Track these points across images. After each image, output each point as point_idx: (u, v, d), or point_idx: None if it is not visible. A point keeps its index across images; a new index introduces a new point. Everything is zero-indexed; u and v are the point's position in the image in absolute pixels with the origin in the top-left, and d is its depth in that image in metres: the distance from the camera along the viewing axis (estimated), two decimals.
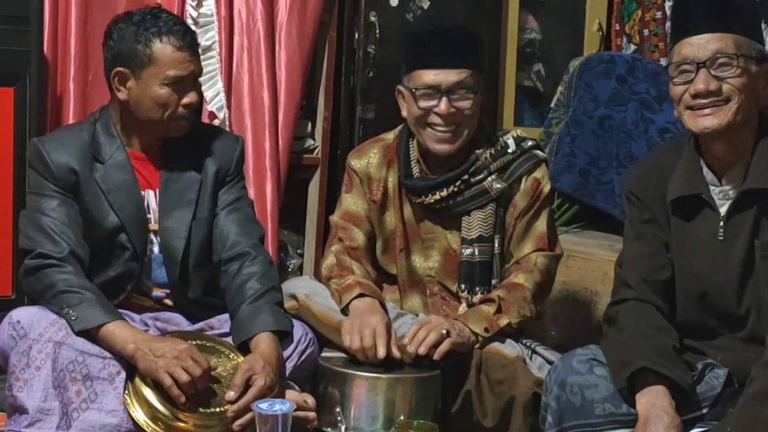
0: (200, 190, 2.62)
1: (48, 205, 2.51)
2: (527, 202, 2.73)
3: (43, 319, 2.38)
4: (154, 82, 2.50)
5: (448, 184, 2.70)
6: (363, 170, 2.81)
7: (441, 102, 2.62)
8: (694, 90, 2.22)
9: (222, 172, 2.67)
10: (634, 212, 2.42)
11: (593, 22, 4.40)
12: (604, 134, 3.73)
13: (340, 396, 2.50)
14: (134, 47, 2.50)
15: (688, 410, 2.21)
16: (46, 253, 2.45)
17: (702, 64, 2.22)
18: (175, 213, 2.60)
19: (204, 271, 2.64)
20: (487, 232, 2.71)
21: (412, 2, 3.84)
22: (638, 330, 2.29)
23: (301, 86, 3.61)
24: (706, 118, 2.23)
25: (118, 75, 2.53)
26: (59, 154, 2.52)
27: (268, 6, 3.51)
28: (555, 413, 2.28)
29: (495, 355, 2.56)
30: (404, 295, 2.82)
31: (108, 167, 2.55)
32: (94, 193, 2.54)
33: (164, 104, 2.51)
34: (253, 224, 2.71)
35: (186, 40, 2.53)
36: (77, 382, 2.34)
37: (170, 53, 2.50)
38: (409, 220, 2.78)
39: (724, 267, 2.28)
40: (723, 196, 2.29)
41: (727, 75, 2.21)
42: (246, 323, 2.52)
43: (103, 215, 2.54)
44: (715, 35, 2.22)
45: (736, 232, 2.26)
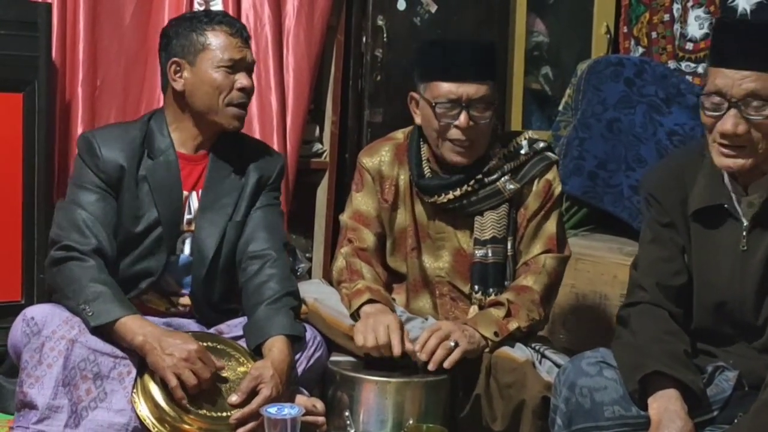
0: (240, 195, 2.67)
1: (87, 199, 2.55)
2: (539, 203, 2.73)
3: (57, 317, 2.39)
4: (208, 66, 2.58)
5: (462, 184, 2.70)
6: (375, 168, 2.81)
7: (461, 116, 2.61)
8: (722, 129, 2.17)
9: (263, 180, 2.71)
10: (653, 215, 2.41)
11: (601, 25, 4.39)
12: (612, 137, 3.72)
13: (349, 400, 2.50)
14: (189, 36, 2.59)
15: (698, 413, 2.20)
16: (72, 245, 2.48)
17: (734, 102, 2.15)
18: (212, 214, 2.63)
19: (228, 275, 2.67)
20: (500, 234, 2.72)
21: (420, 6, 3.85)
22: (651, 334, 2.28)
23: (309, 90, 3.61)
24: (730, 159, 2.19)
25: (174, 65, 2.60)
26: (109, 149, 2.57)
27: (276, 10, 3.51)
28: (564, 416, 2.27)
29: (504, 359, 2.55)
30: (413, 296, 2.81)
31: (157, 164, 2.60)
32: (139, 188, 2.58)
33: (219, 86, 2.58)
34: (280, 230, 2.74)
35: (236, 27, 2.63)
36: (88, 380, 2.35)
37: (223, 38, 2.59)
38: (420, 219, 2.78)
39: (745, 277, 2.27)
40: (747, 206, 2.27)
41: (758, 119, 2.15)
42: (263, 325, 2.53)
43: (142, 210, 2.58)
44: (754, 74, 2.14)
45: (758, 242, 2.25)
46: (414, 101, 2.74)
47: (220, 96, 2.58)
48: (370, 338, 2.51)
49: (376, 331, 2.52)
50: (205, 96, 2.58)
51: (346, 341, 2.61)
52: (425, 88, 2.68)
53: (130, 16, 3.32)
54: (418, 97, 2.72)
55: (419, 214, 2.78)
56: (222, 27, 2.60)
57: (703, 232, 2.32)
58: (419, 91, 2.71)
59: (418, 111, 2.73)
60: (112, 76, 3.29)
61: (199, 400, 2.38)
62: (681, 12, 4.07)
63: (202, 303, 2.64)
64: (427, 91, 2.66)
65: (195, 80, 2.58)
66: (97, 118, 3.24)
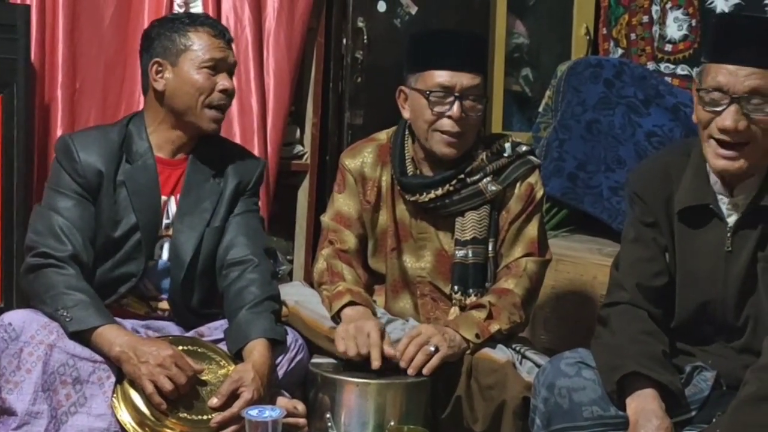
0: (218, 200, 2.66)
1: (63, 204, 2.54)
2: (521, 207, 2.74)
3: (35, 322, 2.38)
4: (190, 67, 2.58)
5: (444, 183, 2.70)
6: (357, 170, 2.81)
7: (454, 106, 2.62)
8: (722, 125, 2.17)
9: (242, 186, 2.71)
10: (637, 213, 2.41)
11: (581, 27, 4.41)
12: (592, 138, 3.74)
13: (331, 402, 2.50)
14: (171, 36, 2.59)
15: (676, 413, 2.22)
16: (49, 252, 2.47)
17: (736, 98, 2.15)
18: (190, 219, 2.63)
19: (207, 280, 2.66)
20: (481, 234, 2.72)
21: (400, 8, 3.85)
22: (629, 334, 2.30)
23: (289, 92, 3.61)
24: (727, 162, 2.19)
25: (156, 65, 2.60)
26: (88, 153, 2.57)
27: (256, 12, 3.51)
28: (543, 416, 2.28)
29: (485, 361, 2.56)
30: (394, 296, 2.81)
31: (135, 169, 2.59)
32: (117, 193, 2.57)
33: (200, 88, 2.58)
34: (260, 235, 2.74)
35: (219, 29, 2.64)
36: (67, 385, 2.35)
37: (206, 39, 2.59)
38: (402, 219, 2.78)
39: (728, 277, 2.28)
40: (732, 207, 2.28)
41: (759, 117, 2.16)
42: (243, 329, 2.52)
43: (121, 215, 2.57)
44: (758, 71, 2.14)
45: (743, 244, 2.27)
46: (402, 95, 2.74)
47: (200, 97, 2.58)
48: (351, 348, 2.52)
49: (357, 340, 2.52)
50: (186, 96, 2.58)
51: (327, 343, 2.61)
52: (417, 79, 2.67)
53: (110, 18, 3.30)
54: (407, 90, 2.71)
55: (401, 213, 2.78)
56: (204, 28, 2.60)
57: (687, 231, 2.33)
58: (409, 84, 2.70)
59: (406, 105, 2.73)
60: (91, 79, 3.27)
61: (179, 403, 2.37)
62: (660, 14, 4.09)
63: (180, 307, 2.64)
64: (420, 81, 2.66)
65: (176, 81, 2.58)
66: (76, 121, 3.23)
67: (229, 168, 2.69)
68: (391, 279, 2.81)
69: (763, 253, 2.24)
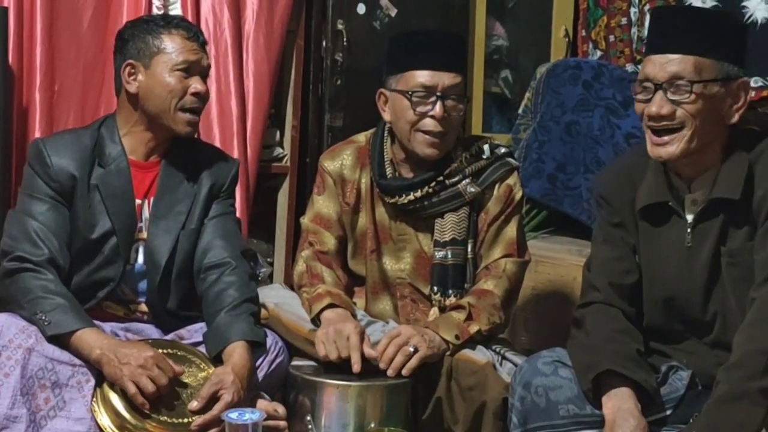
0: (193, 203, 2.65)
1: (38, 209, 2.52)
2: (499, 208, 2.74)
3: (13, 326, 2.37)
4: (163, 69, 2.56)
5: (423, 185, 2.70)
6: (337, 172, 2.80)
7: (436, 105, 2.62)
8: (647, 111, 2.23)
9: (216, 188, 2.70)
10: (603, 215, 2.45)
11: (560, 29, 4.42)
12: (571, 140, 3.75)
13: (311, 404, 2.50)
14: (145, 38, 2.57)
15: (652, 412, 2.24)
16: (25, 256, 2.46)
17: (659, 85, 2.22)
18: (165, 222, 2.62)
19: (184, 282, 2.65)
20: (460, 236, 2.73)
21: (380, 10, 3.86)
22: (604, 333, 2.32)
23: (269, 95, 3.60)
24: (660, 148, 2.24)
25: (129, 67, 2.58)
26: (60, 157, 2.55)
27: (235, 15, 3.50)
28: (520, 414, 2.30)
29: (465, 362, 2.56)
30: (374, 298, 2.82)
31: (108, 172, 2.57)
32: (91, 197, 2.56)
33: (173, 90, 2.56)
34: (237, 237, 2.73)
35: (193, 31, 2.62)
36: (46, 389, 2.33)
37: (179, 41, 2.57)
38: (381, 221, 2.79)
39: (691, 273, 2.31)
40: (691, 203, 2.31)
41: (682, 100, 2.21)
42: (222, 331, 2.52)
43: (96, 219, 2.55)
44: (678, 57, 2.21)
45: (703, 239, 2.29)
46: (383, 97, 2.74)
47: (173, 100, 2.56)
48: (332, 351, 2.52)
49: (337, 342, 2.52)
50: (158, 99, 2.57)
51: (307, 346, 2.62)
52: (398, 80, 2.67)
53: (88, 21, 3.29)
54: (387, 92, 2.71)
55: (381, 215, 2.79)
56: (178, 31, 2.58)
57: (650, 229, 2.36)
58: (389, 86, 2.70)
59: (387, 108, 2.73)
60: (70, 81, 3.26)
61: (160, 406, 2.37)
62: (638, 16, 4.11)
63: (159, 310, 2.63)
64: (401, 82, 2.66)
65: (149, 83, 2.57)
66: (54, 124, 3.21)
67: (203, 170, 2.68)
68: (371, 281, 2.81)
69: (726, 247, 2.27)
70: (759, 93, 3.59)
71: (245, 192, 3.48)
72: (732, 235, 2.27)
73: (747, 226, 2.25)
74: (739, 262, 2.25)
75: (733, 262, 2.26)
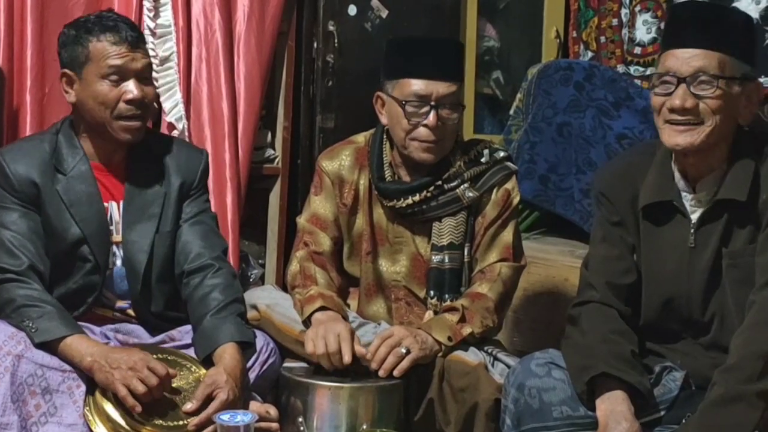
0: (164, 203, 2.61)
1: (8, 218, 2.49)
2: (497, 212, 2.74)
3: (2, 333, 2.35)
4: (93, 79, 2.50)
5: (421, 189, 2.70)
6: (335, 172, 2.80)
7: (429, 115, 2.62)
8: (670, 105, 2.22)
9: (186, 185, 2.66)
10: (603, 213, 2.44)
11: (551, 30, 4.42)
12: (562, 141, 3.75)
13: (303, 406, 2.50)
14: (75, 48, 2.51)
15: (645, 413, 2.24)
16: (6, 267, 2.44)
17: (683, 79, 2.21)
18: (139, 226, 2.58)
19: (166, 284, 2.63)
20: (457, 240, 2.72)
21: (371, 11, 3.85)
22: (599, 334, 2.31)
23: (260, 96, 3.60)
24: (679, 136, 2.23)
25: (65, 77, 2.54)
26: (19, 165, 2.51)
27: (227, 16, 3.50)
28: (513, 416, 2.30)
29: (458, 363, 2.56)
30: (368, 300, 2.81)
31: (70, 179, 2.53)
32: (56, 204, 2.52)
33: (104, 100, 2.49)
34: (216, 237, 2.70)
35: (123, 33, 2.51)
36: (36, 395, 2.32)
37: (106, 47, 2.49)
38: (379, 223, 2.78)
39: (692, 273, 2.30)
40: (695, 203, 2.30)
41: (706, 95, 2.20)
42: (210, 334, 2.51)
43: (65, 227, 2.52)
44: (702, 52, 2.21)
45: (706, 240, 2.29)
46: (380, 101, 2.74)
47: (106, 111, 2.50)
48: (320, 345, 2.51)
49: (326, 338, 2.52)
50: (93, 110, 2.51)
51: (299, 347, 2.61)
52: (394, 86, 2.67)
53: None
54: (384, 96, 2.71)
55: (378, 217, 2.78)
56: (105, 35, 2.49)
57: (652, 228, 2.36)
58: (386, 90, 2.70)
59: (384, 111, 2.73)
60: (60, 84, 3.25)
61: (154, 411, 2.36)
62: (629, 17, 4.11)
63: (145, 313, 2.61)
64: (396, 89, 2.66)
65: (83, 94, 2.52)
66: (45, 125, 3.19)
67: (170, 168, 2.64)
68: (366, 283, 2.81)
69: (728, 249, 2.26)
70: None
71: (236, 193, 3.47)
72: (734, 236, 2.27)
73: (750, 229, 2.25)
74: (739, 264, 2.25)
75: (733, 264, 2.26)
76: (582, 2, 4.29)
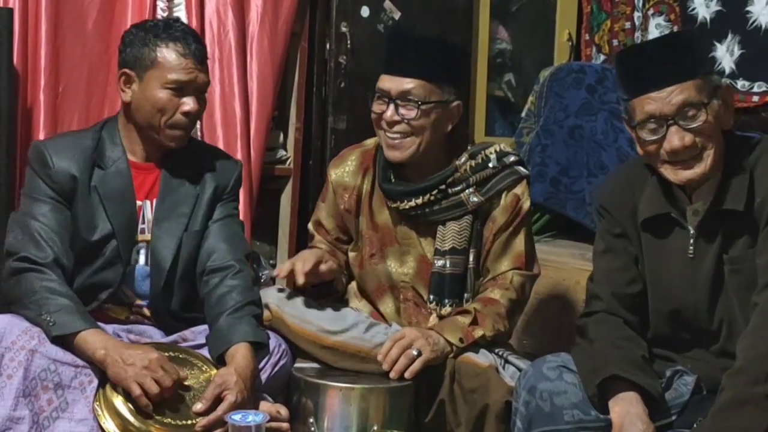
0: (195, 204, 2.64)
1: (39, 210, 2.52)
2: (506, 218, 2.72)
3: (16, 327, 2.37)
4: (155, 85, 2.53)
5: (425, 192, 2.69)
6: (338, 180, 2.82)
7: (388, 109, 2.64)
8: (670, 148, 2.20)
9: (219, 189, 2.69)
10: (605, 226, 2.44)
11: (563, 33, 4.43)
12: (574, 144, 3.75)
13: (314, 406, 2.50)
14: (141, 50, 2.54)
15: (657, 417, 2.24)
16: (31, 257, 2.46)
17: (671, 119, 2.18)
18: (168, 224, 2.61)
19: (187, 284, 2.65)
20: (460, 245, 2.71)
21: (384, 13, 3.86)
22: (608, 340, 2.32)
23: (272, 97, 3.61)
24: (685, 172, 2.22)
25: (124, 75, 2.56)
26: (61, 158, 2.54)
27: (240, 17, 3.51)
28: (524, 419, 2.30)
29: (468, 365, 2.56)
30: (378, 300, 2.82)
31: (108, 174, 2.57)
32: (91, 198, 2.55)
33: (162, 108, 2.53)
34: (241, 241, 2.73)
35: (191, 47, 2.55)
36: (49, 390, 2.33)
37: (174, 58, 2.53)
38: (386, 224, 2.78)
39: (695, 283, 2.30)
40: (693, 214, 2.30)
41: (698, 125, 2.18)
42: (225, 333, 2.52)
43: (96, 221, 2.55)
44: (677, 86, 2.18)
45: (706, 248, 2.28)
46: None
47: (162, 118, 2.54)
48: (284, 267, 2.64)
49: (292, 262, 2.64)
50: (148, 114, 2.55)
51: (311, 347, 2.62)
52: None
53: (93, 21, 3.29)
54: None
55: (385, 219, 2.79)
56: (176, 45, 2.53)
57: (653, 241, 2.36)
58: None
59: None
60: (74, 82, 3.26)
61: (163, 409, 2.37)
62: (642, 20, 4.11)
63: (162, 312, 2.63)
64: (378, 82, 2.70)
65: (141, 95, 2.55)
66: (59, 125, 3.21)
67: (205, 172, 2.67)
68: (374, 284, 2.81)
69: (728, 255, 2.26)
70: (763, 98, 3.59)
71: (248, 194, 3.48)
72: (734, 242, 2.26)
73: (748, 233, 2.25)
74: (741, 269, 2.25)
75: (736, 270, 2.26)
76: (595, 5, 4.30)
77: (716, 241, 2.27)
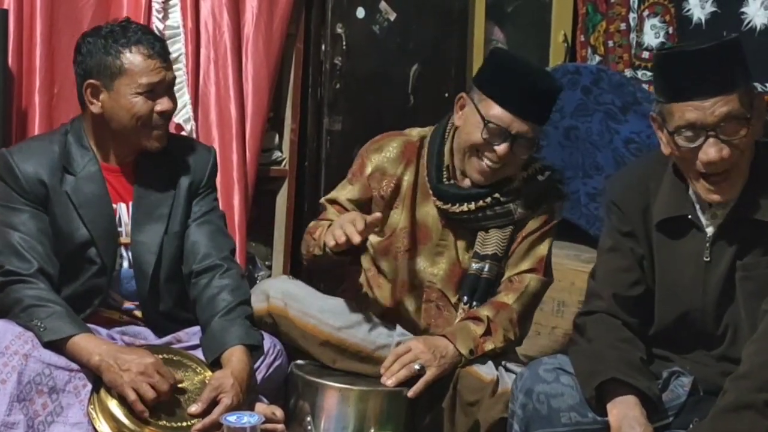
0: (173, 204, 2.61)
1: (17, 219, 2.49)
2: (536, 225, 2.73)
3: (9, 332, 2.36)
4: (126, 92, 2.49)
5: (478, 198, 2.68)
6: (378, 165, 2.77)
7: (502, 144, 2.58)
8: (707, 159, 2.14)
9: (195, 184, 2.66)
10: (614, 222, 2.41)
11: (558, 34, 4.43)
12: (569, 145, 3.76)
13: (311, 406, 2.51)
14: (104, 59, 2.49)
15: (654, 419, 2.23)
16: (15, 270, 2.44)
17: (711, 130, 2.13)
18: (147, 227, 2.58)
19: (174, 284, 2.63)
20: (501, 252, 2.72)
21: (379, 14, 3.85)
22: (607, 342, 2.31)
23: (268, 98, 3.60)
24: (715, 194, 2.19)
25: (90, 87, 2.51)
26: (28, 165, 2.50)
27: (235, 18, 3.50)
28: (521, 421, 2.29)
29: (472, 377, 2.57)
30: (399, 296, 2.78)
31: (79, 180, 2.53)
32: (65, 205, 2.51)
33: (138, 114, 2.49)
34: (224, 237, 2.70)
35: (156, 47, 2.51)
36: (43, 394, 2.33)
37: (141, 62, 2.48)
38: (424, 222, 2.76)
39: (707, 287, 2.29)
40: (711, 217, 2.28)
41: (738, 138, 2.14)
42: (219, 337, 2.51)
43: (72, 228, 2.52)
44: (722, 98, 2.12)
45: (722, 253, 2.27)
46: (462, 101, 2.68)
47: (139, 121, 2.50)
48: (340, 235, 2.49)
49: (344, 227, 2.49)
50: (124, 121, 2.50)
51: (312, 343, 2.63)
52: (481, 100, 2.61)
53: (88, 23, 3.26)
54: (468, 101, 2.65)
55: (424, 216, 2.76)
56: (139, 48, 2.49)
57: (666, 242, 2.33)
58: (472, 98, 2.64)
59: (462, 113, 2.68)
60: (69, 84, 3.23)
61: (159, 412, 2.36)
62: (637, 21, 4.12)
63: (153, 315, 2.61)
64: (483, 104, 2.60)
65: (113, 104, 2.50)
66: (54, 126, 3.19)
67: (179, 168, 2.63)
68: (400, 279, 2.77)
69: (742, 261, 2.25)
70: None
71: (244, 195, 3.47)
72: (749, 249, 2.24)
73: (764, 240, 2.23)
74: (753, 276, 2.23)
75: (747, 276, 2.24)
76: (590, 6, 4.30)
77: (732, 246, 2.25)
